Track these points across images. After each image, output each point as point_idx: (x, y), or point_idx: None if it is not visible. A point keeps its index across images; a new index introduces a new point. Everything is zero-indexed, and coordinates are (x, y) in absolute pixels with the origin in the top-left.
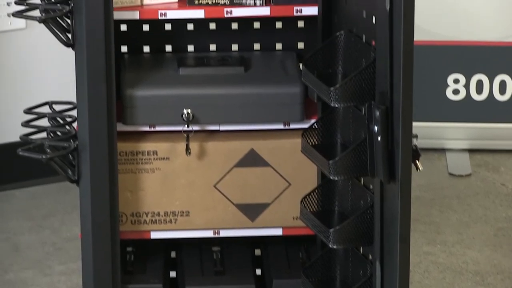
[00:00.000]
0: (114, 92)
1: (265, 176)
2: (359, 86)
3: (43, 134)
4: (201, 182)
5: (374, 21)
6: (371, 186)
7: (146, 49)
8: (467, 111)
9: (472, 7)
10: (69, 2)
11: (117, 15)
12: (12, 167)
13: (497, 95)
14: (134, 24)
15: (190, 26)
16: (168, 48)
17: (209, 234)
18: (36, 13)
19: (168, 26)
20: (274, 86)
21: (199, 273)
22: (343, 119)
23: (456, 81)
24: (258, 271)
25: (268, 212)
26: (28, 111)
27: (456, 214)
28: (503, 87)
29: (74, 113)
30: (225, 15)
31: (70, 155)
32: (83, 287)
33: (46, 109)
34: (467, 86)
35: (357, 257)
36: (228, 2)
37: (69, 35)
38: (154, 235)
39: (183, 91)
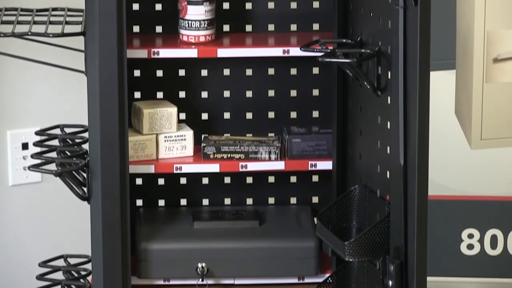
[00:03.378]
0: (129, 246)
1: None
2: (373, 240)
3: (58, 287)
4: None
5: (388, 175)
6: None
7: (161, 202)
8: (482, 266)
9: (485, 162)
10: (85, 156)
11: (133, 169)
12: None
13: None
14: (149, 178)
15: (205, 180)
16: (183, 202)
17: None
18: (52, 166)
19: (183, 180)
20: (288, 240)
21: None
22: (358, 274)
23: (470, 236)
24: None
25: None
26: (43, 264)
27: None
28: None
29: (88, 266)
30: (240, 169)
31: None
32: None
33: (61, 262)
34: (481, 241)
35: None
36: (243, 157)
37: (85, 189)
38: None
39: (198, 245)
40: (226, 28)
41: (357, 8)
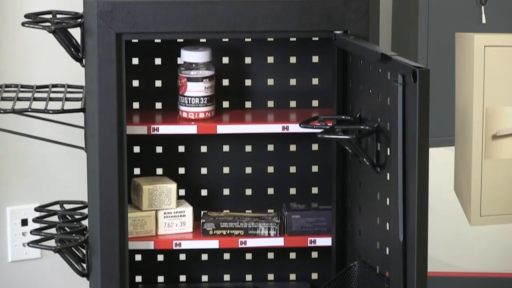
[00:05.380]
0: None
1: None
2: None
3: None
4: None
5: (387, 252)
6: None
7: (161, 279)
8: None
9: (485, 239)
10: (85, 232)
11: (132, 245)
12: None
13: None
14: (148, 254)
15: (205, 256)
16: (183, 278)
17: None
18: (52, 243)
19: (182, 256)
20: None
21: None
22: None
23: None
24: None
25: None
26: None
27: None
28: None
29: None
30: (239, 246)
31: None
32: None
33: None
34: None
35: None
36: (243, 233)
37: (84, 265)
38: None
39: None
40: (225, 104)
41: (356, 85)
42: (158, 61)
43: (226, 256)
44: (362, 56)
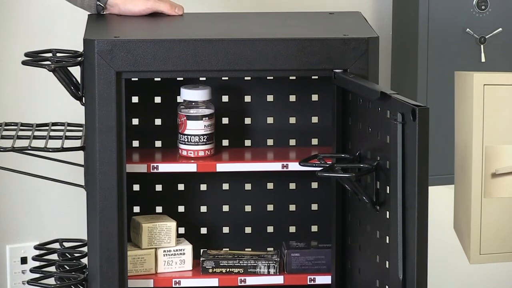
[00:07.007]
0: None
1: None
2: None
3: None
4: None
5: None
6: None
7: None
8: None
9: (484, 277)
10: (84, 270)
11: (132, 283)
12: None
13: None
14: None
15: None
16: None
17: None
18: (51, 281)
19: None
20: None
21: None
22: None
23: None
24: None
25: None
26: None
27: None
28: None
29: None
30: (239, 284)
31: None
32: None
33: None
34: None
35: None
36: (242, 271)
37: None
38: None
39: None
40: (225, 142)
41: (355, 123)
42: (157, 99)
43: None
44: (361, 95)
